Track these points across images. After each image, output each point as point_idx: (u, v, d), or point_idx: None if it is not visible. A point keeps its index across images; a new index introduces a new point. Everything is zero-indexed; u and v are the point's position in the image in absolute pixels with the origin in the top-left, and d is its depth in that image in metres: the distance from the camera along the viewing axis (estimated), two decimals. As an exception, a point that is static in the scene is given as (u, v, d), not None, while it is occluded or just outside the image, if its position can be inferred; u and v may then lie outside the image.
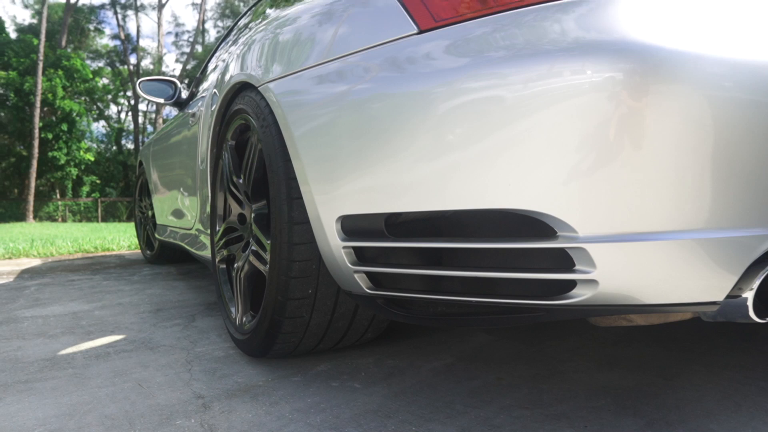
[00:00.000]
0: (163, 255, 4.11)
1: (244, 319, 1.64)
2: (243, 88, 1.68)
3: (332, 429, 1.13)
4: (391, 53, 1.09)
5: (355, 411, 1.22)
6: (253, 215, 1.57)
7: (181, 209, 2.86)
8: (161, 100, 3.27)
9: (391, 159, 1.05)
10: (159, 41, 36.77)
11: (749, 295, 0.90)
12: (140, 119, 39.18)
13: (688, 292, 0.90)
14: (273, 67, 1.43)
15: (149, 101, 3.41)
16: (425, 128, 1.00)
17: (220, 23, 40.67)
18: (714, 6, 0.97)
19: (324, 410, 1.23)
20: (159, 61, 36.83)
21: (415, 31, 1.07)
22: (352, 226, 1.18)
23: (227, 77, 1.82)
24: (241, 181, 1.67)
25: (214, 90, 2.05)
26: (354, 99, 1.13)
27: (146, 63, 39.84)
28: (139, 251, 5.47)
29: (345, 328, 1.49)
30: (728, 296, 0.92)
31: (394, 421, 1.16)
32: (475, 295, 1.06)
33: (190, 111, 2.69)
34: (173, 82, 3.37)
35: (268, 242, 1.46)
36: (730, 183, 0.88)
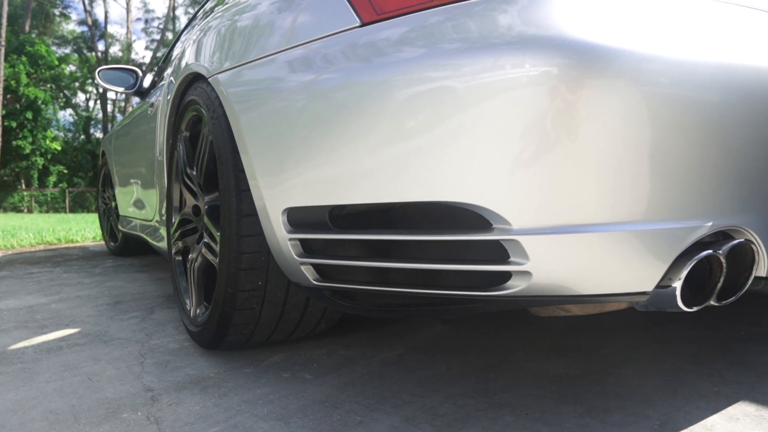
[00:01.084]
0: (127, 247, 4.06)
1: (198, 311, 1.64)
2: (196, 79, 1.67)
3: (278, 420, 1.14)
4: (335, 46, 1.09)
5: (303, 402, 1.23)
6: (205, 207, 1.56)
7: (142, 200, 2.83)
8: (122, 89, 3.23)
9: (333, 152, 1.06)
10: (128, 27, 36.12)
11: (678, 285, 0.93)
12: (109, 108, 38.47)
13: (619, 283, 0.92)
14: (222, 59, 1.42)
15: (109, 89, 3.35)
16: (362, 122, 1.01)
17: (191, 10, 40.03)
18: (648, 5, 0.99)
19: (272, 401, 1.24)
20: (128, 48, 36.18)
21: (358, 23, 1.07)
22: (298, 219, 1.19)
23: (182, 66, 1.80)
24: (194, 172, 1.66)
25: (171, 79, 2.03)
26: (297, 93, 1.14)
27: (115, 50, 39.06)
28: (105, 243, 5.39)
29: (297, 320, 1.50)
30: (658, 286, 0.95)
31: (340, 411, 1.18)
32: (418, 287, 1.08)
33: (150, 100, 2.66)
34: (134, 71, 3.33)
35: (219, 234, 1.45)
36: (660, 176, 0.90)
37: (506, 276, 0.95)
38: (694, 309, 0.96)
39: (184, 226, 1.82)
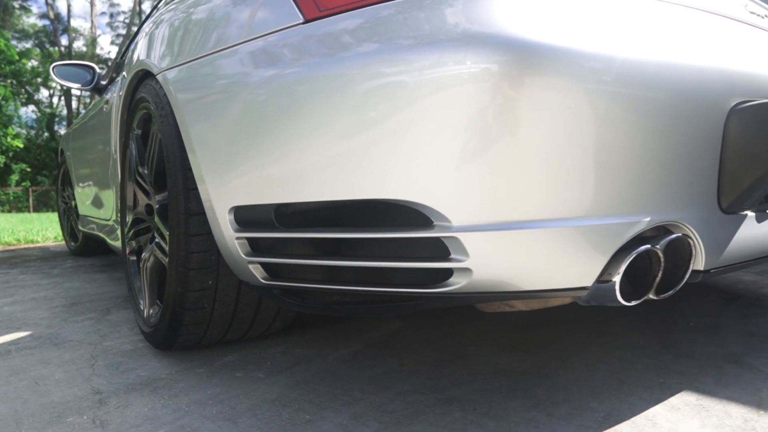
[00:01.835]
0: (88, 247, 3.98)
1: (151, 311, 1.61)
2: (146, 75, 1.64)
3: (226, 420, 1.13)
4: (278, 43, 1.08)
5: (254, 401, 1.22)
6: (156, 206, 1.54)
7: (100, 199, 2.78)
8: (78, 86, 3.16)
9: (275, 151, 1.05)
10: (92, 22, 35.39)
11: (617, 279, 0.94)
12: (74, 104, 37.61)
13: (559, 278, 0.94)
14: (169, 55, 1.40)
15: (65, 86, 3.27)
16: (302, 122, 1.00)
17: (157, 5, 39.24)
18: (591, 4, 1.00)
19: (222, 401, 1.23)
20: (93, 43, 35.46)
21: (302, 20, 1.06)
22: (244, 217, 1.18)
23: (133, 62, 1.77)
24: (146, 171, 1.64)
25: (124, 74, 2.00)
26: (240, 91, 1.12)
27: (79, 45, 38.20)
28: (65, 243, 5.28)
29: (251, 319, 1.49)
30: (599, 281, 0.96)
31: (290, 409, 1.17)
32: (365, 285, 1.08)
33: (106, 97, 2.61)
34: (91, 67, 3.26)
35: (168, 233, 1.43)
36: (600, 173, 0.91)
37: (448, 273, 0.96)
38: (633, 303, 0.98)
39: (137, 225, 1.79)
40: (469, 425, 1.07)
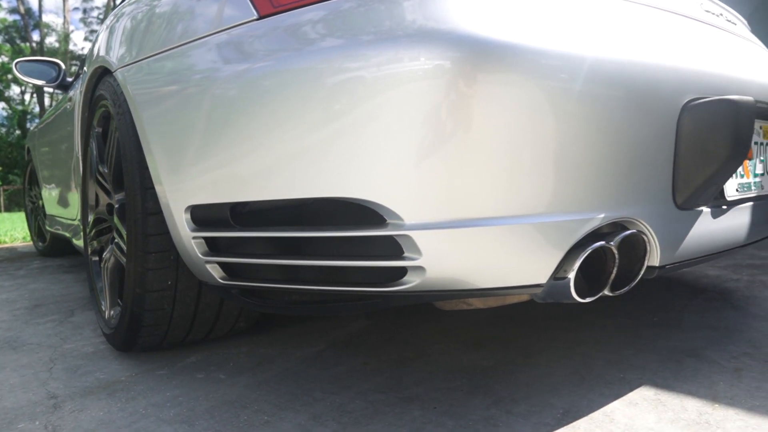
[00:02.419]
0: (56, 247, 3.92)
1: (112, 312, 1.59)
2: (106, 72, 1.61)
3: (183, 422, 1.12)
4: (233, 40, 1.07)
5: (213, 403, 1.21)
6: (116, 206, 1.51)
7: (66, 199, 2.73)
8: (42, 83, 3.10)
9: (228, 150, 1.04)
10: (65, 17, 34.77)
11: (571, 276, 0.95)
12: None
13: (513, 276, 0.93)
14: (125, 52, 1.38)
15: (30, 83, 3.21)
16: (256, 120, 0.99)
17: None
18: (545, 2, 0.99)
19: (181, 403, 1.21)
20: (65, 38, 34.85)
21: (256, 16, 1.05)
22: (201, 216, 1.16)
23: (93, 57, 1.73)
24: (106, 170, 1.61)
25: (85, 69, 1.96)
26: (195, 89, 1.11)
27: (51, 40, 37.48)
28: (33, 243, 5.18)
29: (213, 319, 1.47)
30: (555, 278, 0.96)
31: (249, 411, 1.16)
32: (322, 284, 1.07)
33: (69, 94, 2.56)
34: (56, 64, 3.20)
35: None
36: (553, 170, 0.91)
37: (402, 271, 0.95)
38: (588, 300, 0.98)
39: (98, 225, 1.76)
40: (427, 424, 1.07)
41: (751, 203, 1.34)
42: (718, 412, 1.09)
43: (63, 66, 3.16)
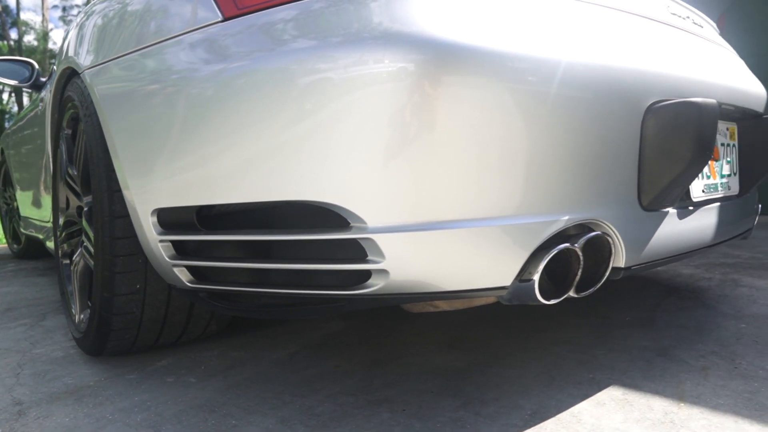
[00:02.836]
0: (31, 249, 3.86)
1: (82, 316, 1.57)
2: (74, 73, 1.59)
3: (150, 427, 1.11)
4: (198, 42, 1.06)
5: (181, 407, 1.20)
6: (84, 209, 1.50)
7: (39, 201, 2.69)
8: (15, 82, 3.05)
9: (194, 152, 1.03)
10: (44, 15, 34.29)
11: (536, 278, 0.95)
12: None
13: (477, 278, 0.94)
14: (92, 53, 1.36)
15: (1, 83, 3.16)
16: (221, 123, 0.98)
17: (111, -1, 38.14)
18: (511, 5, 1.00)
19: (149, 408, 1.20)
20: (44, 37, 34.35)
21: (220, 18, 1.04)
22: (168, 220, 1.15)
23: (62, 58, 1.71)
24: (75, 172, 1.59)
25: (54, 68, 1.93)
26: (162, 90, 1.10)
27: (29, 39, 36.90)
28: (8, 246, 5.11)
29: (184, 322, 1.46)
30: (521, 280, 0.97)
31: (217, 415, 1.15)
32: (288, 287, 1.06)
33: (42, 94, 2.53)
34: (30, 63, 3.15)
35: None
36: (517, 172, 0.92)
37: (366, 275, 0.95)
38: (553, 302, 0.98)
39: (69, 227, 1.74)
40: (395, 426, 1.07)
41: (717, 204, 1.36)
42: (683, 411, 1.10)
43: (36, 66, 3.11)
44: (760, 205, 1.76)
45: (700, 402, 1.13)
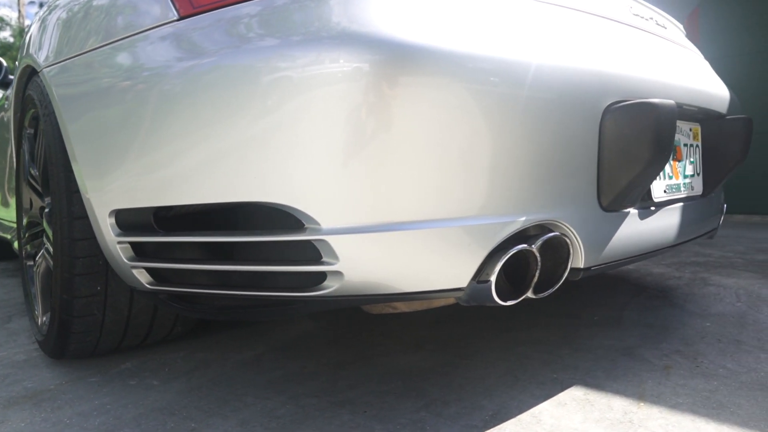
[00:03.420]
0: (1, 249, 3.79)
1: (44, 318, 1.54)
2: (34, 71, 1.56)
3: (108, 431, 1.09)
4: (153, 41, 1.04)
5: (141, 410, 1.18)
6: (45, 210, 1.47)
7: (8, 200, 2.65)
8: (-20, 80, 2.99)
9: (148, 153, 1.01)
10: (20, 11, 33.76)
11: (492, 279, 0.95)
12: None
13: (433, 280, 0.93)
14: (50, 52, 1.34)
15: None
16: (174, 123, 0.97)
17: (91, -4, 37.60)
18: (470, 6, 0.99)
19: (108, 411, 1.18)
20: (20, 33, 33.85)
21: (176, 17, 1.03)
22: (126, 221, 1.13)
23: (23, 55, 1.68)
24: (37, 172, 1.56)
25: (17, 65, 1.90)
26: (116, 91, 1.08)
27: (5, 35, 36.31)
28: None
29: (148, 324, 1.44)
30: (478, 281, 0.97)
31: (177, 418, 1.14)
32: (248, 289, 1.05)
33: (7, 93, 2.49)
34: (-1, 62, 3.10)
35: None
36: (473, 173, 0.91)
37: (322, 276, 0.94)
38: (510, 303, 0.98)
39: (32, 228, 1.71)
40: (355, 429, 1.06)
41: (680, 204, 1.37)
42: (642, 410, 1.10)
43: (5, 63, 3.06)
44: (725, 205, 1.78)
45: (659, 401, 1.14)
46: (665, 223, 1.29)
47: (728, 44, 4.64)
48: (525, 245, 0.96)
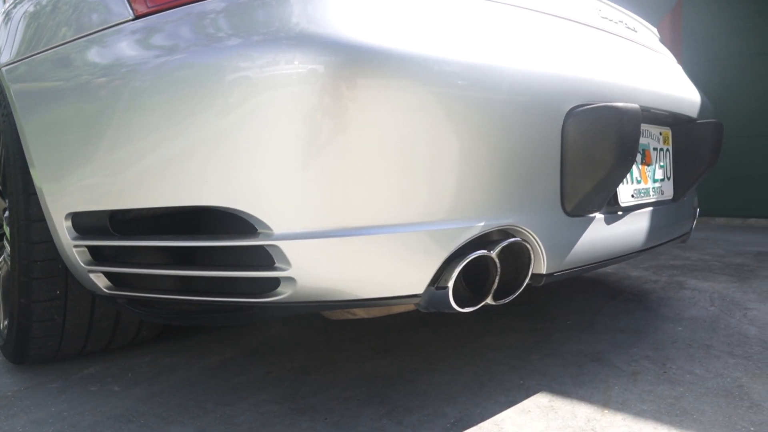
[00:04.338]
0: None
1: (6, 322, 1.51)
2: (-2, 70, 1.53)
3: (60, 441, 1.07)
4: (108, 42, 1.02)
5: (98, 417, 1.16)
6: (5, 213, 1.44)
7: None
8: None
9: (104, 156, 0.99)
10: None
11: (450, 286, 0.93)
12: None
13: (388, 286, 0.92)
14: (8, 50, 1.31)
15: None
16: (128, 125, 0.95)
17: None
18: (430, 8, 0.98)
19: (64, 419, 1.15)
20: None
21: (131, 17, 1.01)
22: (82, 224, 1.11)
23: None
24: (-1, 173, 1.53)
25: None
26: (71, 92, 1.06)
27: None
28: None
29: (111, 329, 1.41)
30: (437, 287, 0.95)
31: (134, 425, 1.11)
32: (204, 294, 1.03)
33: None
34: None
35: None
36: (429, 178, 0.90)
37: (276, 282, 0.92)
38: (468, 310, 0.97)
39: (-4, 230, 1.68)
40: (313, 436, 1.05)
41: (650, 208, 1.36)
42: (606, 418, 1.09)
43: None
44: (698, 209, 1.77)
45: (624, 408, 1.13)
46: (633, 228, 1.28)
47: (712, 47, 4.66)
48: (484, 251, 0.94)
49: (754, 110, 4.43)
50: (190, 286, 1.10)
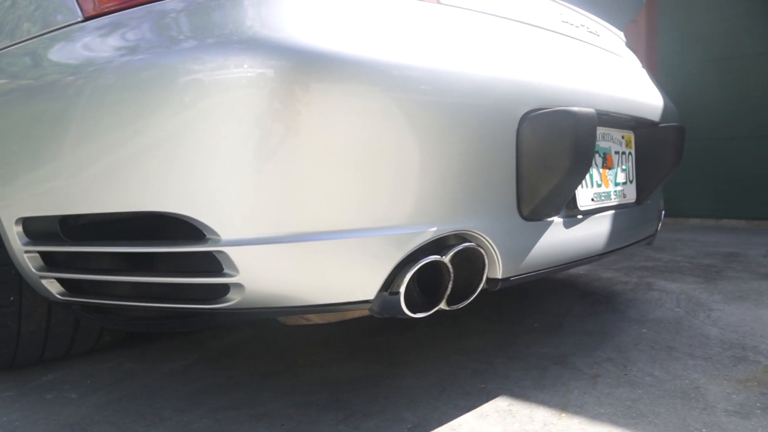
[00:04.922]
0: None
1: (-36, 329, 1.48)
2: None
3: (10, 450, 1.05)
4: (56, 43, 1.00)
5: (52, 426, 1.14)
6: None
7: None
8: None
9: (51, 160, 0.98)
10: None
11: (401, 291, 0.93)
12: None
13: (339, 292, 0.91)
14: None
15: None
16: (73, 129, 0.93)
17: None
18: (384, 13, 0.97)
19: (15, 429, 1.13)
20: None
21: (80, 18, 0.99)
22: (33, 229, 1.09)
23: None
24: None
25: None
26: (17, 94, 1.04)
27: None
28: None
29: (70, 335, 1.39)
30: (390, 293, 0.94)
31: (87, 435, 1.09)
32: (156, 300, 1.02)
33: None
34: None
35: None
36: (380, 183, 0.89)
37: (226, 288, 0.91)
38: (421, 315, 0.96)
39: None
40: (268, 444, 1.04)
41: (611, 212, 1.37)
42: (563, 421, 1.09)
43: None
44: (663, 212, 1.79)
45: (581, 412, 1.13)
46: (593, 232, 1.29)
47: (687, 51, 4.71)
48: (436, 256, 0.94)
49: (727, 113, 4.48)
50: (145, 292, 1.08)
